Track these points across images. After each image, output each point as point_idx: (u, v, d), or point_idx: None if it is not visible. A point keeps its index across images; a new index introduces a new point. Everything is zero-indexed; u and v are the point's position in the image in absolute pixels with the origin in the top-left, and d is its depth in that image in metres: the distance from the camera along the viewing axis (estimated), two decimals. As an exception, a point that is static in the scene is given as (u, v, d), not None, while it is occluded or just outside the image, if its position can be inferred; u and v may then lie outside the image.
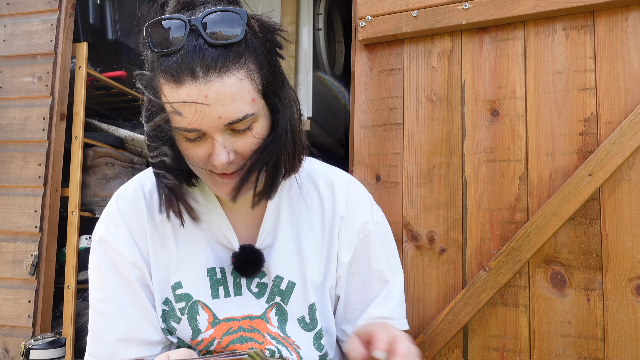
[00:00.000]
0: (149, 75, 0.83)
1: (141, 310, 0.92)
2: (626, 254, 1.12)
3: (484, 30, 1.28)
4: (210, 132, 0.79)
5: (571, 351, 1.14)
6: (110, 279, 0.91)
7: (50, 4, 1.90)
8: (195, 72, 0.75)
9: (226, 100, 0.77)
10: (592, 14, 1.19)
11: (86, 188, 1.96)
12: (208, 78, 0.75)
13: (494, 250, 1.23)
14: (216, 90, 0.76)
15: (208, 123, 0.78)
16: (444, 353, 1.25)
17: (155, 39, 0.79)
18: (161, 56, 0.78)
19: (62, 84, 1.87)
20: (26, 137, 1.86)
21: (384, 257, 1.01)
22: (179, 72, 0.76)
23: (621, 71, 1.15)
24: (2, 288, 1.80)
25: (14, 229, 1.81)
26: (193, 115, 0.77)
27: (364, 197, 1.03)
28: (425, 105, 1.33)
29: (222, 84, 0.76)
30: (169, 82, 0.77)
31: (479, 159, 1.26)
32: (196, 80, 0.75)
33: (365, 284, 1.00)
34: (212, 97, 0.76)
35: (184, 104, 0.77)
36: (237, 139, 0.82)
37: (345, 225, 0.99)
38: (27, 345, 1.64)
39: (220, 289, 0.95)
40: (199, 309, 0.92)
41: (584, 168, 1.14)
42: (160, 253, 0.94)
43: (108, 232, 0.93)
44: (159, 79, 0.79)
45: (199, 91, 0.75)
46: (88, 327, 0.94)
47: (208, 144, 0.81)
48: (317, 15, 2.52)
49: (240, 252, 0.95)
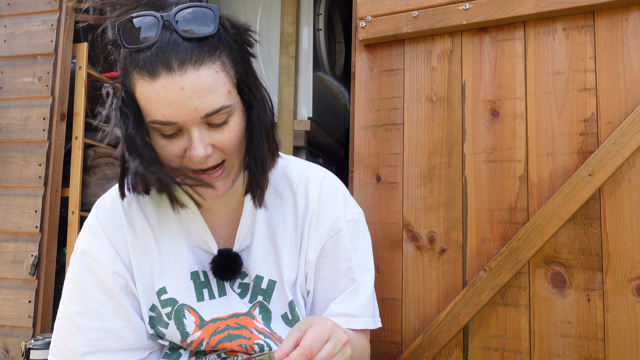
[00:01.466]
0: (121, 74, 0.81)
1: (124, 321, 0.92)
2: (626, 254, 1.11)
3: (484, 30, 1.28)
4: (186, 125, 0.78)
5: (571, 351, 1.14)
6: (91, 293, 0.91)
7: (51, 4, 1.90)
8: (171, 65, 0.75)
9: (203, 92, 0.76)
10: (593, 14, 1.19)
11: (86, 188, 1.96)
12: (184, 70, 0.75)
13: (494, 250, 1.23)
14: (192, 82, 0.75)
15: (185, 115, 0.77)
16: (444, 353, 1.25)
17: (127, 36, 0.78)
18: (134, 53, 0.77)
19: (62, 84, 1.87)
20: (26, 137, 1.86)
21: (353, 255, 1.00)
22: (153, 66, 0.75)
23: (621, 71, 1.15)
24: (2, 288, 1.80)
25: (14, 229, 1.81)
26: (169, 107, 0.76)
27: (339, 192, 1.02)
28: (425, 106, 1.33)
29: (198, 75, 0.76)
30: (143, 77, 0.76)
31: (479, 159, 1.26)
32: (172, 73, 0.75)
33: (332, 282, 1.00)
34: (189, 89, 0.75)
35: (160, 97, 0.76)
36: (213, 133, 0.81)
37: (315, 220, 0.98)
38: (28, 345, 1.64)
39: (205, 291, 0.96)
40: (185, 312, 0.93)
41: (584, 168, 1.14)
42: (142, 260, 0.94)
43: (89, 244, 0.93)
44: (132, 76, 0.78)
45: (174, 83, 0.75)
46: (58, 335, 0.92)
47: (184, 139, 0.80)
48: (317, 16, 2.52)
49: (218, 256, 0.96)
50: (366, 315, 1.01)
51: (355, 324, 0.99)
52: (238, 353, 0.96)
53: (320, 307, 1.01)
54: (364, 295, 1.00)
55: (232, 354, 0.96)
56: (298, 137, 2.38)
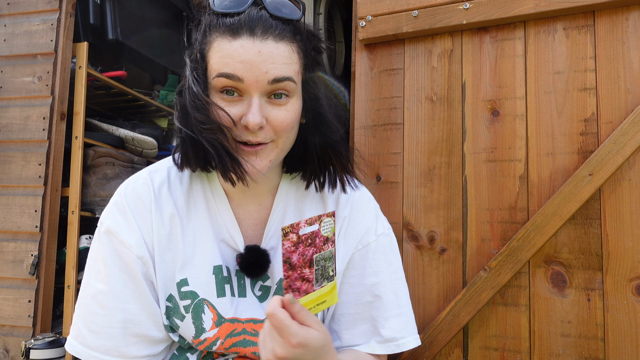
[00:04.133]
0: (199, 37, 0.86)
1: (144, 306, 0.91)
2: (626, 254, 1.11)
3: (484, 30, 1.28)
4: (251, 88, 0.82)
5: (571, 351, 1.14)
6: (115, 272, 0.90)
7: (51, 3, 1.90)
8: (254, 31, 0.81)
9: (277, 60, 0.82)
10: (593, 14, 1.19)
11: (86, 188, 1.96)
12: (265, 38, 0.81)
13: (494, 250, 1.23)
14: (270, 49, 0.81)
15: (253, 76, 0.81)
16: (444, 353, 1.25)
17: (219, 1, 0.84)
18: (221, 16, 0.82)
19: (62, 84, 1.87)
20: (26, 137, 1.86)
21: (384, 270, 0.98)
22: (238, 28, 0.81)
23: (621, 71, 1.15)
24: (2, 288, 1.80)
25: (14, 229, 1.81)
26: (240, 64, 0.80)
27: (370, 205, 1.02)
28: (425, 105, 1.33)
29: (277, 46, 0.82)
30: (225, 36, 0.82)
31: (479, 158, 1.26)
32: (253, 37, 0.81)
33: (355, 296, 0.98)
34: (265, 54, 0.81)
35: (235, 52, 0.80)
36: (271, 108, 0.84)
37: (345, 227, 0.98)
38: (28, 345, 1.64)
39: (227, 287, 0.94)
40: (204, 308, 0.92)
41: (585, 168, 1.13)
42: (166, 249, 0.93)
43: (116, 224, 0.92)
44: (212, 37, 0.84)
45: (253, 45, 0.80)
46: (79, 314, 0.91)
47: (243, 105, 0.83)
48: (317, 15, 2.52)
49: (246, 252, 0.94)
50: (413, 333, 1.01)
51: (406, 345, 0.98)
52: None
53: (339, 321, 0.99)
54: (406, 313, 1.00)
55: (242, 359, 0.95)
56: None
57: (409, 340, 0.99)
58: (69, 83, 1.91)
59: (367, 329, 0.98)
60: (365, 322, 0.98)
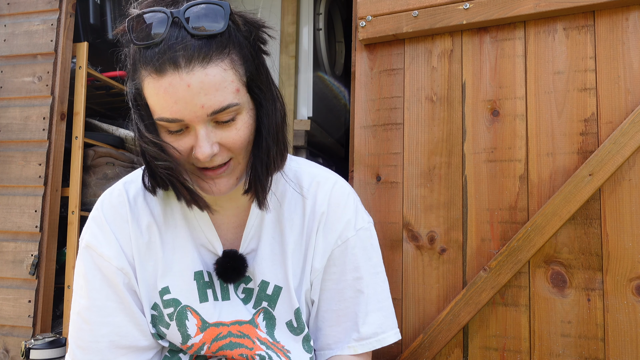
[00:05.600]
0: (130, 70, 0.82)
1: (129, 317, 0.91)
2: (626, 254, 1.11)
3: (484, 30, 1.28)
4: (193, 123, 0.78)
5: (571, 351, 1.14)
6: (96, 286, 0.90)
7: (51, 3, 1.90)
8: (178, 62, 0.75)
9: (210, 89, 0.76)
10: (593, 14, 1.19)
11: (86, 188, 1.96)
12: (191, 68, 0.75)
13: (494, 250, 1.23)
14: (199, 79, 0.75)
15: (191, 113, 0.76)
16: (444, 353, 1.25)
17: (137, 32, 0.78)
18: (143, 49, 0.77)
19: (62, 84, 1.87)
20: (26, 137, 1.86)
21: (363, 265, 0.97)
22: (161, 63, 0.75)
23: (622, 71, 1.15)
24: (2, 288, 1.80)
25: (14, 229, 1.81)
26: (175, 104, 0.76)
27: (349, 199, 0.99)
28: (425, 105, 1.33)
29: (206, 73, 0.76)
30: (150, 74, 0.77)
31: (480, 159, 1.26)
32: (179, 70, 0.75)
33: (338, 292, 0.97)
34: (195, 87, 0.75)
35: (166, 93, 0.76)
36: (221, 132, 0.80)
37: (324, 225, 0.96)
38: (28, 345, 1.64)
39: (209, 291, 0.94)
40: (187, 314, 0.91)
41: (585, 168, 1.14)
42: (146, 258, 0.93)
43: (94, 238, 0.92)
44: (141, 72, 0.79)
45: (181, 80, 0.75)
46: (70, 332, 0.92)
47: (191, 137, 0.80)
48: (317, 15, 2.52)
49: (223, 257, 0.94)
50: (393, 327, 1.00)
51: (386, 340, 0.97)
52: None
53: (324, 318, 0.98)
54: (386, 308, 0.99)
55: None
56: (298, 137, 2.38)
57: (389, 335, 0.98)
58: (69, 83, 1.91)
59: (349, 325, 0.97)
60: (349, 319, 0.97)
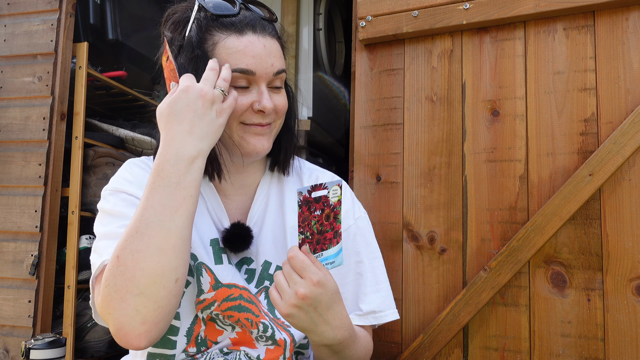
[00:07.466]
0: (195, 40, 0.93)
1: None
2: (626, 254, 1.11)
3: (484, 30, 1.28)
4: (260, 79, 0.94)
5: (571, 351, 1.14)
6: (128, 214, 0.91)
7: (51, 4, 1.90)
8: (255, 27, 0.94)
9: (275, 54, 0.95)
10: (593, 14, 1.19)
11: (86, 188, 1.96)
12: (264, 35, 0.94)
13: (494, 250, 1.23)
14: (270, 44, 0.95)
15: (263, 68, 0.93)
16: (444, 353, 1.25)
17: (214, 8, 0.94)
18: (220, 18, 0.93)
19: (62, 84, 1.86)
20: (26, 137, 1.86)
21: (363, 250, 1.06)
22: (242, 26, 0.93)
23: (622, 71, 1.15)
24: (2, 288, 1.80)
25: (14, 229, 1.81)
26: (252, 58, 0.92)
27: (347, 190, 1.10)
28: (425, 105, 1.33)
29: (273, 42, 0.96)
30: (231, 34, 0.92)
31: (480, 159, 1.26)
32: (256, 33, 0.93)
33: (342, 277, 1.03)
34: (268, 48, 0.94)
35: (246, 48, 0.92)
36: (273, 95, 0.97)
37: None
38: (28, 345, 1.64)
39: (224, 256, 0.98)
40: (202, 271, 0.95)
41: (585, 168, 1.14)
42: None
43: (121, 184, 0.96)
44: (214, 36, 0.93)
45: (258, 40, 0.93)
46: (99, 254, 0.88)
47: (252, 94, 0.94)
48: (317, 15, 2.52)
49: (231, 227, 1.00)
50: (391, 307, 1.06)
51: (385, 318, 1.04)
52: (240, 347, 0.97)
53: None
54: (384, 290, 1.06)
55: (235, 349, 0.97)
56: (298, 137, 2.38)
57: (387, 313, 1.05)
58: (69, 83, 1.90)
59: (349, 304, 1.04)
60: (350, 301, 1.04)
